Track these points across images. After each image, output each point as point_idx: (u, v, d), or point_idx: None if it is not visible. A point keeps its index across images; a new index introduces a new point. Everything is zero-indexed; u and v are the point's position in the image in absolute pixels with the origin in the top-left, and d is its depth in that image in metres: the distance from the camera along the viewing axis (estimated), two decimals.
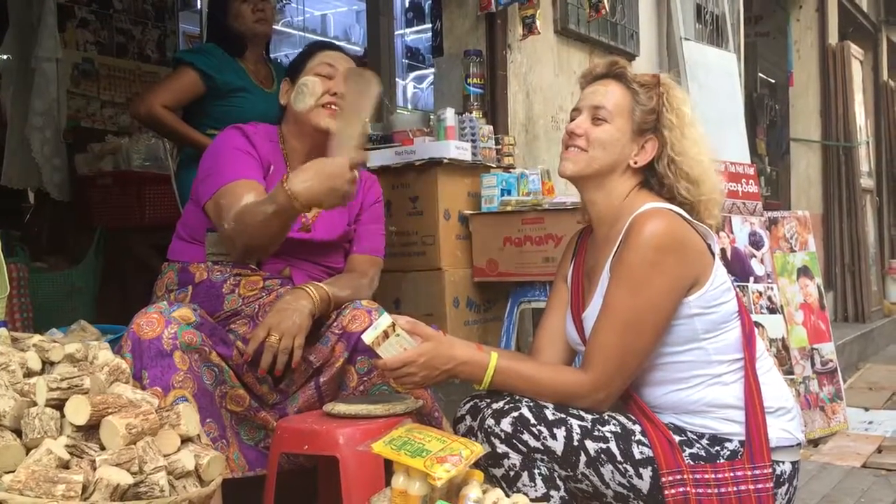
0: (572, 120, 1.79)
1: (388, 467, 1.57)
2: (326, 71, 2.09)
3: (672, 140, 1.72)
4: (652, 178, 1.75)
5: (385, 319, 1.61)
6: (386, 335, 1.60)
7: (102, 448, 1.33)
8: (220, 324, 1.94)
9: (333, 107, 2.04)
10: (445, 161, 2.89)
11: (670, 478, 1.62)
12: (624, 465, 1.63)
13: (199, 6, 5.84)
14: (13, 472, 1.25)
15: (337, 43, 2.42)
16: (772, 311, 3.47)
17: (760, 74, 7.38)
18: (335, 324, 1.95)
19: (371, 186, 2.24)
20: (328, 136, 2.04)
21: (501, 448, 1.61)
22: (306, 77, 2.08)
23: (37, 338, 1.57)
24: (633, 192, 1.75)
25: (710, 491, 1.63)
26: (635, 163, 1.74)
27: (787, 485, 1.69)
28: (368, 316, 1.93)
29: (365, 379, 1.94)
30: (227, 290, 1.98)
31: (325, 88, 2.06)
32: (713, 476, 1.64)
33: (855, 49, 6.97)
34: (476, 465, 1.54)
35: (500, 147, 3.20)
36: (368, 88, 1.95)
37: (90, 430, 1.35)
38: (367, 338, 1.61)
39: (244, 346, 1.89)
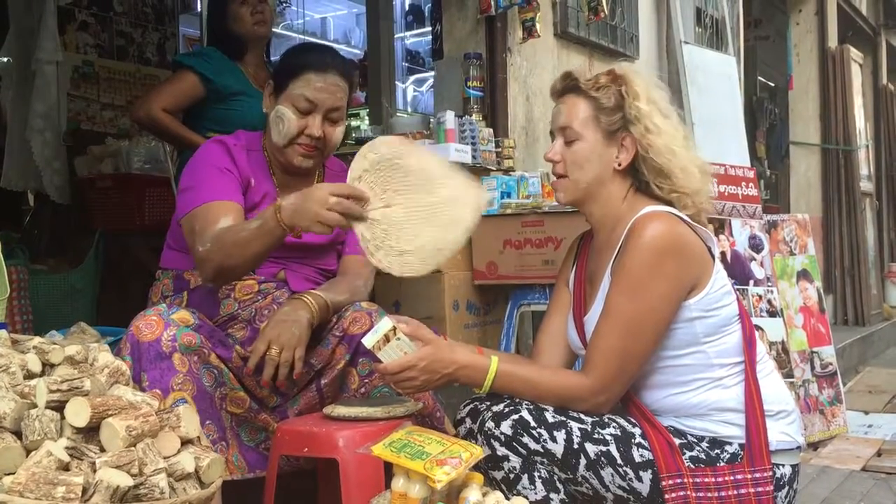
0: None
1: (388, 470, 1.57)
2: (304, 107, 1.93)
3: (638, 133, 1.70)
4: (636, 179, 1.74)
5: (386, 323, 1.60)
6: (387, 339, 1.59)
7: (102, 450, 1.33)
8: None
9: (307, 148, 1.96)
10: None
11: (670, 481, 1.62)
12: (624, 468, 1.63)
13: (198, 9, 5.84)
14: (13, 473, 1.25)
15: (332, 47, 2.23)
16: (771, 314, 3.47)
17: (760, 78, 7.39)
18: (336, 327, 1.95)
19: None
20: (304, 171, 2.00)
21: (501, 451, 1.61)
22: (283, 109, 1.94)
23: (37, 340, 1.57)
24: (630, 196, 1.74)
25: (710, 495, 1.63)
26: (619, 164, 1.73)
27: (787, 488, 1.69)
28: (369, 318, 1.93)
29: (366, 381, 1.94)
30: (222, 295, 1.97)
31: (300, 128, 1.94)
32: (713, 479, 1.64)
33: (854, 53, 6.97)
34: (476, 467, 1.54)
35: (499, 150, 3.20)
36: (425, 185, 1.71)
37: (90, 431, 1.35)
38: (368, 342, 1.60)
39: (243, 350, 1.89)
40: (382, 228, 1.69)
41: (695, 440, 1.68)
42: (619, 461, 1.63)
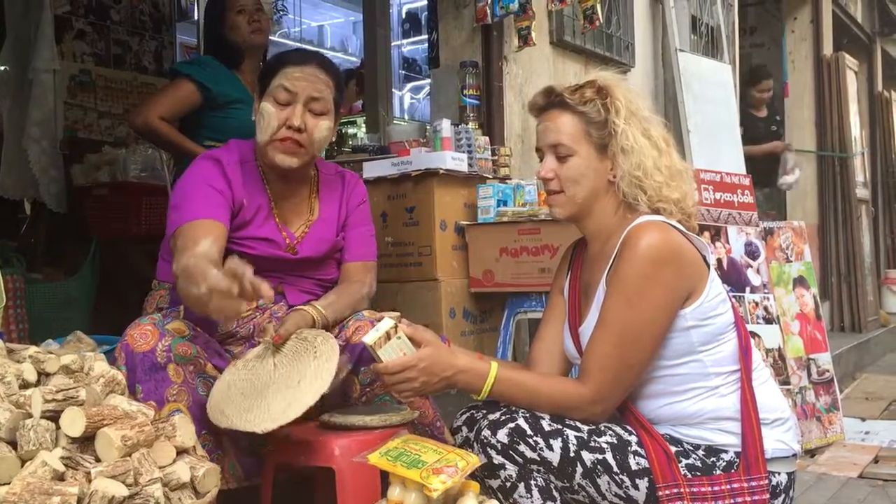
0: (540, 159, 1.79)
1: (385, 478, 1.57)
2: (283, 97, 1.93)
3: (611, 152, 1.71)
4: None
5: (387, 322, 1.59)
6: (388, 337, 1.59)
7: (98, 460, 1.33)
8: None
9: (290, 142, 1.92)
10: (442, 172, 2.90)
11: (667, 491, 1.62)
12: (620, 476, 1.63)
13: (195, 17, 5.86)
14: (8, 484, 1.24)
15: (312, 51, 2.22)
16: (768, 321, 3.47)
17: None
18: (339, 336, 1.94)
19: (355, 188, 2.17)
20: (289, 171, 1.97)
21: (498, 459, 1.61)
22: (264, 104, 1.95)
23: (32, 349, 1.57)
24: (623, 207, 1.74)
25: None
26: (614, 176, 1.73)
27: (783, 495, 1.69)
28: (371, 326, 1.93)
29: (367, 390, 1.94)
30: None
31: (280, 121, 1.93)
32: (710, 489, 1.64)
33: (849, 60, 6.99)
34: (472, 476, 1.54)
35: (496, 158, 3.20)
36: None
37: (85, 441, 1.35)
38: (369, 339, 1.58)
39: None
40: (249, 378, 1.75)
41: (691, 448, 1.68)
42: (616, 469, 1.63)
